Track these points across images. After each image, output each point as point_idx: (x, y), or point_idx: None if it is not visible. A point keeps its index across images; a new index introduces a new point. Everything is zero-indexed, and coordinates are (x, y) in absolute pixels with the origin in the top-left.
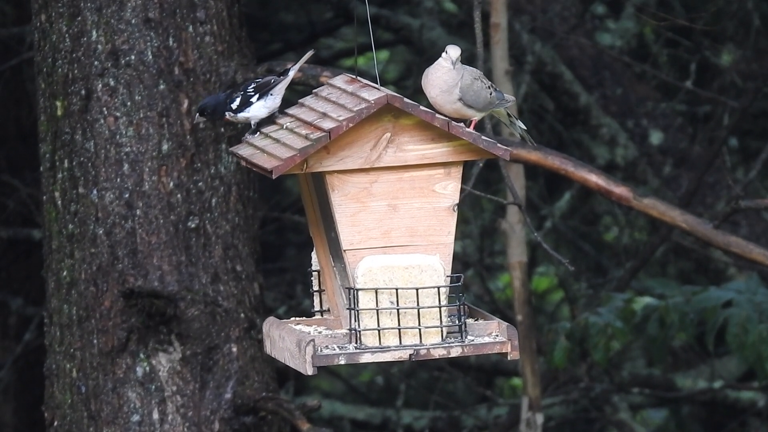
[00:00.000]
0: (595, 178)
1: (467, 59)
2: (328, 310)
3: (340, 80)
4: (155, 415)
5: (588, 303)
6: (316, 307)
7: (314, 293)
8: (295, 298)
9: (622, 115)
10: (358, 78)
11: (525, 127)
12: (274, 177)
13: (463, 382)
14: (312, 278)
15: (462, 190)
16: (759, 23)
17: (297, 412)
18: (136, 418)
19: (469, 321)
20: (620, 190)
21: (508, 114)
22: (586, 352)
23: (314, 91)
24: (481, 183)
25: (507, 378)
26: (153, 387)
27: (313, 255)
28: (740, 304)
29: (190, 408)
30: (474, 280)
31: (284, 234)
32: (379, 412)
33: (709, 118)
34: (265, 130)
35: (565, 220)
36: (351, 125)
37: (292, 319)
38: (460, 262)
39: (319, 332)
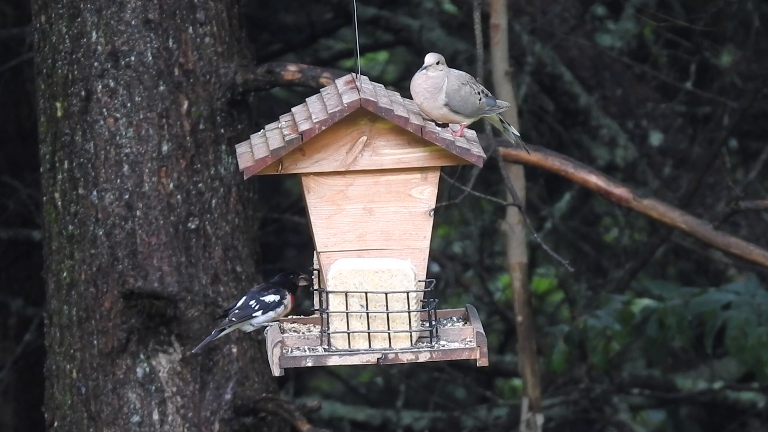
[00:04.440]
0: (595, 179)
1: (467, 60)
2: None
3: (342, 80)
4: (155, 416)
5: (587, 304)
6: (316, 306)
7: (314, 292)
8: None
9: (622, 116)
10: (355, 78)
11: (518, 134)
12: (245, 177)
13: (463, 383)
14: (313, 277)
15: (461, 191)
16: (759, 24)
17: (297, 412)
18: (136, 418)
19: (458, 325)
20: (620, 191)
21: (501, 120)
22: (585, 354)
23: (320, 90)
24: (481, 184)
25: (507, 379)
26: (153, 388)
27: (315, 254)
28: (739, 307)
29: (190, 409)
30: (474, 280)
31: (284, 235)
32: (379, 412)
33: (709, 119)
34: (267, 127)
35: (565, 221)
36: (323, 128)
37: (290, 317)
38: (460, 262)
39: (302, 333)
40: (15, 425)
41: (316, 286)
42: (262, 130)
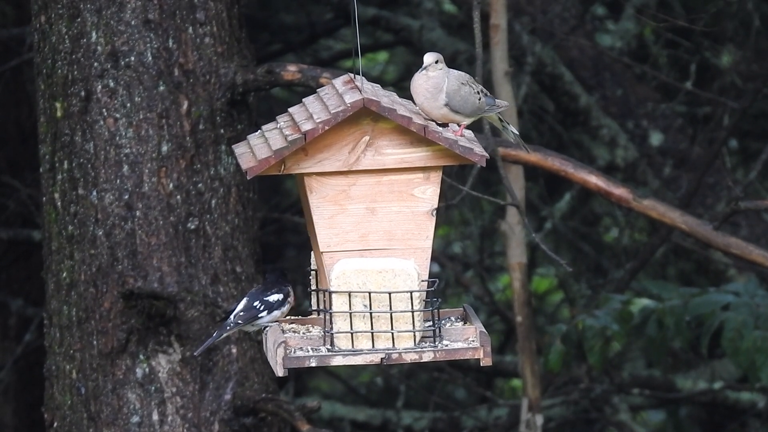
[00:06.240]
0: (595, 180)
1: (467, 60)
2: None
3: (339, 81)
4: (155, 416)
5: (587, 304)
6: (314, 306)
7: (311, 292)
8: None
9: (622, 116)
10: (354, 78)
11: (517, 133)
12: (248, 178)
13: (463, 383)
14: (310, 277)
15: (460, 191)
16: (759, 24)
17: (297, 413)
18: (135, 419)
19: (458, 325)
20: (620, 191)
21: (500, 119)
22: (584, 354)
23: (317, 90)
24: (481, 184)
25: (507, 379)
26: (153, 388)
27: (312, 254)
28: (737, 308)
29: (189, 409)
30: (474, 281)
31: (284, 235)
32: (379, 413)
33: (709, 119)
34: (264, 128)
35: (565, 221)
36: (326, 128)
37: (288, 318)
38: (460, 263)
39: (302, 333)
40: (15, 425)
41: (313, 287)
42: (259, 131)
